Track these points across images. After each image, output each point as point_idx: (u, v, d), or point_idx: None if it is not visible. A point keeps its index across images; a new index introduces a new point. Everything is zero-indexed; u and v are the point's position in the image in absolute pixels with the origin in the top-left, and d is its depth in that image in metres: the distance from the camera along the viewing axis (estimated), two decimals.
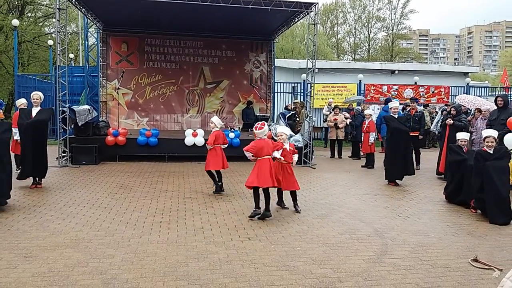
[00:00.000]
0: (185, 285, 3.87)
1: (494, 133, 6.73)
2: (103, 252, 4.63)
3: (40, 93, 8.45)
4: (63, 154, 10.69)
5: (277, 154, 6.18)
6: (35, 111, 8.02)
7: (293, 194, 6.65)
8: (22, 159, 7.85)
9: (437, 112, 15.10)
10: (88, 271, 4.11)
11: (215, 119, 7.93)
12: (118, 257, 4.49)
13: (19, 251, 4.60)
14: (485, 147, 6.59)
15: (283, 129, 6.59)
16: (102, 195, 7.41)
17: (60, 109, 10.66)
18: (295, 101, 16.34)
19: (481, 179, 6.35)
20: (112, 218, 6.00)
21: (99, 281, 3.90)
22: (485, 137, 6.63)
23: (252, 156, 6.08)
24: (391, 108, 9.69)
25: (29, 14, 33.83)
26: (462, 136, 7.69)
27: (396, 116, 9.34)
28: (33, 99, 8.24)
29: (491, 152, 6.47)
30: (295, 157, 6.58)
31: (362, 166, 11.49)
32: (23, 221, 5.71)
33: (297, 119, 13.67)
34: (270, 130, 12.11)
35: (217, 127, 7.79)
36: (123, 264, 4.32)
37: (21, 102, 9.42)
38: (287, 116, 13.16)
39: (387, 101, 14.03)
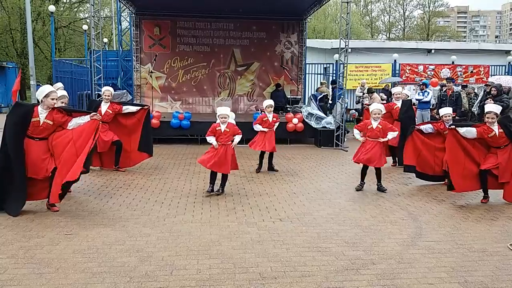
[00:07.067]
0: (218, 263, 3.96)
1: None
2: (140, 231, 4.78)
3: None
4: None
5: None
6: None
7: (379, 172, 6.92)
8: None
9: (475, 93, 14.53)
10: (125, 248, 4.27)
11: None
12: (154, 236, 4.63)
13: (60, 229, 4.81)
14: None
15: (377, 105, 6.98)
16: (137, 176, 7.61)
17: (96, 92, 10.94)
18: (323, 81, 16.10)
19: None
20: (147, 198, 6.17)
21: (136, 258, 4.04)
22: None
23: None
24: (393, 94, 9.04)
25: (65, 0, 34.66)
26: (446, 111, 6.91)
27: (399, 102, 8.67)
28: None
29: None
30: (390, 135, 6.71)
31: None
32: (63, 201, 5.91)
33: (330, 101, 13.48)
34: (300, 112, 12.03)
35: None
36: (158, 242, 4.45)
37: (58, 86, 9.74)
38: (318, 98, 13.00)
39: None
